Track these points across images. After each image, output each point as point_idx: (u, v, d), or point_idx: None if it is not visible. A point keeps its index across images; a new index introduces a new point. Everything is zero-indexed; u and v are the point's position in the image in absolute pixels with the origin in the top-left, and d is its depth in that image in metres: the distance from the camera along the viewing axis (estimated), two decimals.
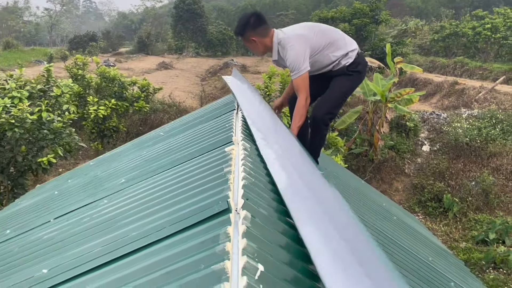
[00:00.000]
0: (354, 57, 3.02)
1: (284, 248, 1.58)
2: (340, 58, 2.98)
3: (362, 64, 3.09)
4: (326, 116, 3.00)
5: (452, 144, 13.38)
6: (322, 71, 3.08)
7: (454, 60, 26.76)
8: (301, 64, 2.85)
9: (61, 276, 1.77)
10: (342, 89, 3.04)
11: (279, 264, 1.41)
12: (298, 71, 2.86)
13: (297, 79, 2.90)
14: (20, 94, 7.37)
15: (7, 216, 4.02)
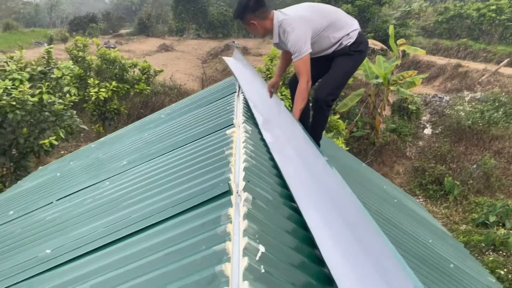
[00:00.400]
0: (356, 36, 2.97)
1: (285, 230, 1.59)
2: (341, 39, 2.95)
3: (363, 43, 3.05)
4: (329, 97, 2.97)
5: (454, 127, 13.34)
6: (323, 53, 3.04)
7: (457, 42, 26.44)
8: (302, 47, 2.81)
9: (64, 256, 1.79)
10: (344, 69, 3.01)
11: (280, 246, 1.42)
12: (300, 54, 2.83)
13: (298, 62, 2.87)
14: (21, 76, 7.33)
15: (10, 198, 4.04)
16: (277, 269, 1.25)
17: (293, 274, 1.28)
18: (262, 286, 1.13)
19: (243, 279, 1.11)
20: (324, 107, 2.98)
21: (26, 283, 1.69)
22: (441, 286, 2.28)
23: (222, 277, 1.13)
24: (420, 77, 12.40)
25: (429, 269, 2.45)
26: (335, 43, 2.98)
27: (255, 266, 1.19)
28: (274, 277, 1.19)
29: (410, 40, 22.72)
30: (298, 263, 1.39)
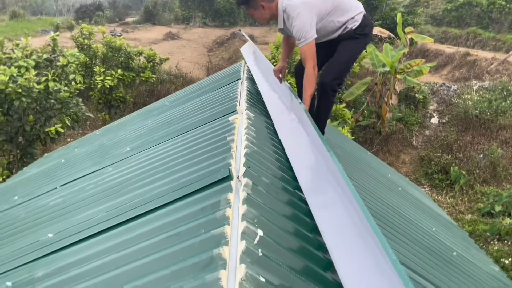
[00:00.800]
0: (361, 19, 2.93)
1: (285, 215, 1.59)
2: (346, 22, 2.90)
3: (368, 26, 3.00)
4: (334, 82, 2.93)
5: (462, 117, 13.21)
6: (328, 38, 3.00)
7: (466, 31, 26.05)
8: (308, 32, 2.78)
9: (66, 240, 1.80)
10: (349, 53, 2.97)
11: (278, 230, 1.42)
12: (305, 39, 2.79)
13: (303, 47, 2.83)
14: (27, 64, 7.34)
15: (15, 184, 4.08)
16: (275, 253, 1.25)
17: (291, 259, 1.28)
18: (259, 269, 1.13)
19: (240, 262, 1.12)
20: (330, 92, 2.94)
21: (28, 266, 1.71)
22: (443, 274, 2.27)
23: (219, 260, 1.14)
24: (427, 65, 12.27)
25: (432, 256, 2.45)
26: (340, 27, 2.94)
27: (253, 249, 1.19)
28: (272, 261, 1.19)
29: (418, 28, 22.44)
30: (297, 248, 1.39)
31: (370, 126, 12.96)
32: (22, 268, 1.71)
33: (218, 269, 1.07)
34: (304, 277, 1.22)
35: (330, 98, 3.00)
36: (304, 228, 1.55)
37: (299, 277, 1.20)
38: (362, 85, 12.10)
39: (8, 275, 1.70)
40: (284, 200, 1.72)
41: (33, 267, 1.67)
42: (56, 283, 1.43)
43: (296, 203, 1.76)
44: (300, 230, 1.53)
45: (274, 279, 1.13)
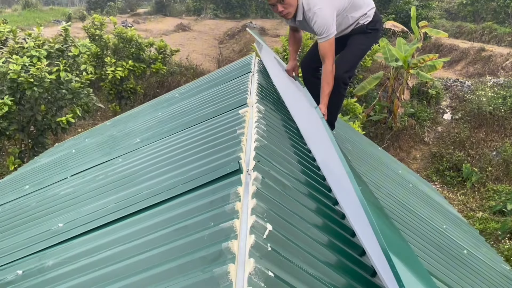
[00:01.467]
0: (373, 15, 2.94)
1: (294, 210, 1.58)
2: (358, 18, 2.90)
3: (379, 21, 3.02)
4: (346, 75, 2.92)
5: (475, 113, 13.03)
6: (342, 34, 2.99)
7: (482, 26, 25.61)
8: (330, 28, 2.75)
9: (76, 230, 1.81)
10: (360, 47, 2.98)
11: (288, 225, 1.41)
12: (327, 35, 2.76)
13: (324, 43, 2.79)
14: (39, 53, 7.40)
15: (26, 173, 4.12)
16: (284, 248, 1.24)
17: (300, 254, 1.27)
18: (268, 263, 1.12)
19: (249, 256, 1.11)
20: (341, 85, 2.93)
21: (38, 255, 1.73)
22: (453, 272, 2.25)
23: (228, 253, 1.13)
24: (441, 60, 12.09)
25: (442, 254, 2.42)
26: (353, 23, 2.93)
27: (262, 244, 1.18)
28: (281, 256, 1.18)
29: (433, 23, 22.13)
30: (306, 243, 1.37)
31: (381, 121, 12.85)
32: (33, 257, 1.72)
33: (227, 263, 1.07)
34: (313, 273, 1.21)
35: (341, 91, 2.98)
36: (313, 224, 1.54)
37: (308, 272, 1.19)
38: (374, 80, 11.98)
39: (19, 263, 1.72)
40: (293, 195, 1.71)
41: (43, 256, 1.69)
42: (66, 273, 1.44)
43: (306, 198, 1.75)
44: (309, 225, 1.52)
45: (283, 274, 1.12)
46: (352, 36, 2.96)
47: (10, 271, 1.66)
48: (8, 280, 1.57)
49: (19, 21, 25.26)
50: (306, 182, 1.91)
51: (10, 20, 17.82)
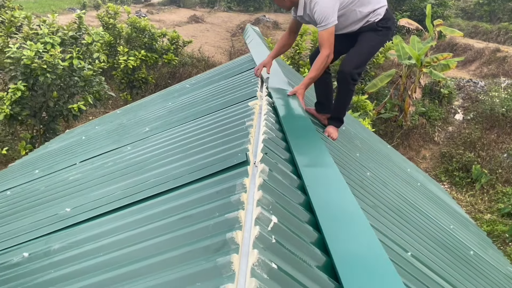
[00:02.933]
0: (384, 13, 2.87)
1: (300, 203, 1.57)
2: (368, 15, 2.85)
3: (391, 20, 2.94)
4: (354, 71, 2.88)
5: (487, 114, 12.86)
6: (349, 29, 2.94)
7: (498, 26, 25.19)
8: (330, 16, 2.72)
9: (82, 215, 1.83)
10: (371, 43, 2.91)
11: (293, 218, 1.40)
12: (326, 24, 2.74)
13: (323, 32, 2.78)
14: (52, 40, 7.44)
15: (36, 158, 4.17)
16: (288, 241, 1.24)
17: (304, 247, 1.26)
18: (272, 255, 1.12)
19: (253, 247, 1.11)
20: (349, 80, 2.89)
21: (45, 238, 1.75)
22: (459, 272, 2.23)
23: (232, 244, 1.13)
24: (455, 60, 11.93)
25: (448, 254, 2.40)
26: (361, 19, 2.87)
27: (266, 235, 1.18)
28: (285, 248, 1.18)
29: (448, 21, 21.84)
30: (311, 237, 1.37)
31: (392, 119, 12.74)
32: (39, 240, 1.74)
33: (231, 253, 1.07)
34: (316, 266, 1.21)
35: (349, 87, 2.95)
36: None
37: (311, 266, 1.19)
38: (386, 77, 11.87)
39: (25, 246, 1.74)
40: (300, 188, 1.70)
41: (49, 239, 1.70)
42: (71, 257, 1.46)
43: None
44: (315, 219, 1.51)
45: (286, 266, 1.12)
46: (363, 33, 2.92)
47: (16, 253, 1.68)
48: (14, 262, 1.59)
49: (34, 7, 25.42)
50: None
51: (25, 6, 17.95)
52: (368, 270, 1.23)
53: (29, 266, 1.51)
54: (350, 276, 1.18)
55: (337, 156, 2.55)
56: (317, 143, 2.18)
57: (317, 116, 3.30)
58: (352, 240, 1.38)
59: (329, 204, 1.58)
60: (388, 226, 2.02)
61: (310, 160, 1.93)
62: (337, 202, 1.63)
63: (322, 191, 1.66)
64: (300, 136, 2.21)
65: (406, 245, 1.94)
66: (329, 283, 1.17)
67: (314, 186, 1.66)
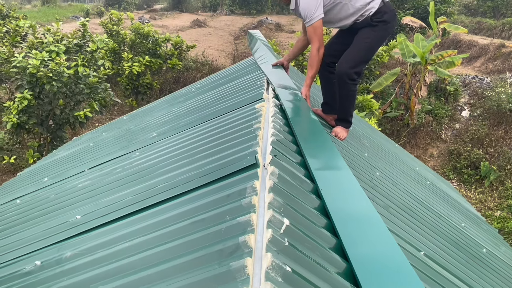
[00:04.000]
0: (378, 5, 2.78)
1: (311, 204, 1.56)
2: (360, 9, 2.79)
3: (388, 13, 2.82)
4: (351, 71, 2.81)
5: (494, 110, 12.78)
6: (343, 23, 2.90)
7: (502, 22, 25.05)
8: (313, 12, 2.71)
9: (93, 222, 1.83)
10: (366, 41, 2.83)
11: (305, 220, 1.39)
12: (311, 19, 2.74)
13: (309, 28, 2.79)
14: (57, 48, 7.50)
15: (45, 166, 4.19)
16: (301, 243, 1.23)
17: (317, 249, 1.25)
18: (285, 258, 1.11)
19: (266, 250, 1.10)
20: (347, 81, 2.84)
21: (57, 246, 1.75)
22: (472, 270, 2.20)
23: (245, 247, 1.12)
24: (460, 56, 11.87)
25: (460, 252, 2.38)
26: (354, 13, 2.81)
27: (279, 238, 1.17)
28: (298, 251, 1.17)
29: (452, 18, 21.74)
30: (323, 238, 1.36)
31: (398, 118, 12.69)
32: (51, 248, 1.74)
33: (244, 257, 1.06)
34: (330, 269, 1.19)
35: (349, 87, 2.90)
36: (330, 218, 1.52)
37: (326, 268, 1.18)
38: (391, 76, 11.83)
39: (38, 254, 1.74)
40: (310, 189, 1.69)
41: (61, 247, 1.70)
42: (83, 264, 1.45)
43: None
44: (326, 219, 1.50)
45: (301, 269, 1.11)
46: (359, 31, 2.87)
47: (28, 261, 1.68)
48: (26, 270, 1.59)
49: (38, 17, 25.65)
50: None
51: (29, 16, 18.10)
52: (390, 276, 1.22)
53: (42, 274, 1.51)
54: (371, 283, 1.17)
55: (346, 157, 2.54)
56: (328, 145, 2.17)
57: (324, 117, 3.29)
58: (371, 245, 1.37)
59: (345, 208, 1.57)
60: (400, 225, 2.00)
61: (322, 163, 1.92)
62: (352, 206, 1.61)
63: (336, 195, 1.65)
64: (310, 138, 2.20)
65: (419, 245, 1.92)
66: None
67: (328, 190, 1.65)
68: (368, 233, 1.43)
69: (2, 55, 7.61)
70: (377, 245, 1.37)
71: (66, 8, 33.38)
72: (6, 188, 3.95)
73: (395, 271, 1.25)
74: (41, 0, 35.08)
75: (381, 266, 1.27)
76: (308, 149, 2.01)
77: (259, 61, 4.26)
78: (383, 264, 1.28)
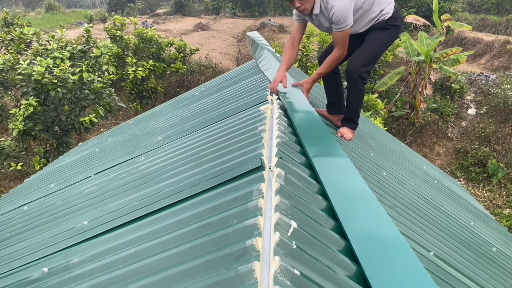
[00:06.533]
0: (393, 11, 2.87)
1: (318, 206, 1.55)
2: (379, 14, 2.85)
3: (400, 18, 2.94)
4: (362, 69, 2.87)
5: (501, 107, 12.68)
6: (363, 29, 2.93)
7: (506, 18, 24.89)
8: (347, 19, 2.72)
9: (100, 227, 1.82)
10: (379, 42, 2.90)
11: (312, 222, 1.38)
12: (344, 26, 2.73)
13: (339, 34, 2.77)
14: (62, 55, 7.53)
15: (51, 172, 4.20)
16: (309, 245, 1.22)
17: (325, 251, 1.24)
18: (294, 261, 1.10)
19: (274, 254, 1.08)
20: (358, 79, 2.88)
21: (64, 252, 1.74)
22: (483, 270, 2.18)
23: (253, 251, 1.11)
24: (465, 54, 11.79)
25: (470, 252, 2.35)
26: (373, 18, 2.87)
27: (287, 241, 1.15)
28: (306, 253, 1.15)
29: (455, 16, 21.64)
30: (331, 240, 1.34)
31: (403, 117, 12.63)
32: (58, 254, 1.74)
33: (252, 261, 1.05)
34: (339, 271, 1.18)
35: (359, 86, 2.93)
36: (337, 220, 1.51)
37: (334, 271, 1.16)
38: (396, 75, 11.77)
39: (45, 261, 1.74)
40: (317, 191, 1.68)
41: (68, 253, 1.70)
42: (91, 270, 1.45)
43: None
44: (334, 221, 1.49)
45: (309, 272, 1.10)
46: (371, 32, 2.91)
47: (36, 268, 1.68)
48: (34, 277, 1.59)
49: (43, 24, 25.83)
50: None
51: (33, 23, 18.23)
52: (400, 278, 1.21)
53: (49, 281, 1.51)
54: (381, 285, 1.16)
55: (352, 157, 2.52)
56: (333, 146, 2.15)
57: (330, 118, 3.28)
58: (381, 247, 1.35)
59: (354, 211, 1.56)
60: (409, 226, 1.98)
61: (328, 164, 1.90)
62: (362, 208, 1.60)
63: (343, 197, 1.63)
64: (315, 139, 2.19)
65: (428, 245, 1.89)
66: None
67: (335, 192, 1.64)
68: (378, 233, 1.42)
69: (8, 62, 7.66)
70: (388, 247, 1.35)
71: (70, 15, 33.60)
72: (14, 194, 3.97)
73: (405, 273, 1.23)
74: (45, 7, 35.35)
75: (392, 270, 1.26)
76: (313, 150, 2.00)
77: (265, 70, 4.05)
78: (394, 269, 1.26)
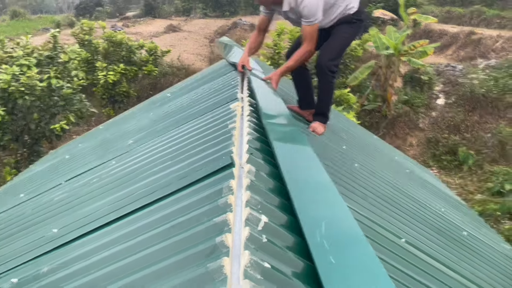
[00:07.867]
0: (357, 6, 2.94)
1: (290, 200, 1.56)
2: (345, 8, 2.90)
3: (364, 13, 3.07)
4: (331, 63, 2.93)
5: (468, 96, 13.06)
6: (331, 23, 2.98)
7: (470, 10, 25.61)
8: (317, 13, 2.77)
9: (70, 234, 1.79)
10: (345, 35, 2.97)
11: (284, 216, 1.39)
12: (313, 20, 2.78)
13: (308, 28, 2.82)
14: (28, 62, 7.35)
15: (21, 181, 4.10)
16: (280, 239, 1.23)
17: (296, 243, 1.25)
18: (264, 255, 1.11)
19: (244, 249, 1.09)
20: (328, 73, 2.93)
21: (33, 262, 1.71)
22: (453, 253, 2.24)
23: (222, 247, 1.11)
24: (432, 46, 12.10)
25: (441, 237, 2.42)
26: (340, 12, 2.92)
27: (257, 236, 1.16)
28: (277, 246, 1.17)
29: (422, 9, 22.11)
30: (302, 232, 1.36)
31: (376, 110, 12.86)
32: (28, 264, 1.70)
33: (221, 257, 1.05)
34: (311, 262, 1.19)
35: (329, 79, 2.99)
36: None
37: (306, 262, 1.18)
38: (366, 69, 11.98)
39: (14, 272, 1.70)
40: None
41: (38, 262, 1.67)
42: (61, 278, 1.42)
43: None
44: None
45: (280, 265, 1.11)
46: (337, 26, 2.97)
47: (5, 280, 1.64)
48: None
49: (8, 31, 25.10)
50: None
51: None
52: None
53: None
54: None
55: (324, 150, 2.55)
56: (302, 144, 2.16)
57: (301, 113, 3.31)
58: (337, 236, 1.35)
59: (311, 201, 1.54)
60: (380, 214, 2.02)
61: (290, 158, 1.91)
62: (319, 198, 1.58)
63: (301, 189, 1.61)
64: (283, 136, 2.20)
65: (399, 232, 1.94)
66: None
67: (295, 184, 1.62)
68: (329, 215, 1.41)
69: None
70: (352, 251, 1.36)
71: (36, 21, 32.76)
72: None
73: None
74: (10, 14, 34.35)
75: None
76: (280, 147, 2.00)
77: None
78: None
